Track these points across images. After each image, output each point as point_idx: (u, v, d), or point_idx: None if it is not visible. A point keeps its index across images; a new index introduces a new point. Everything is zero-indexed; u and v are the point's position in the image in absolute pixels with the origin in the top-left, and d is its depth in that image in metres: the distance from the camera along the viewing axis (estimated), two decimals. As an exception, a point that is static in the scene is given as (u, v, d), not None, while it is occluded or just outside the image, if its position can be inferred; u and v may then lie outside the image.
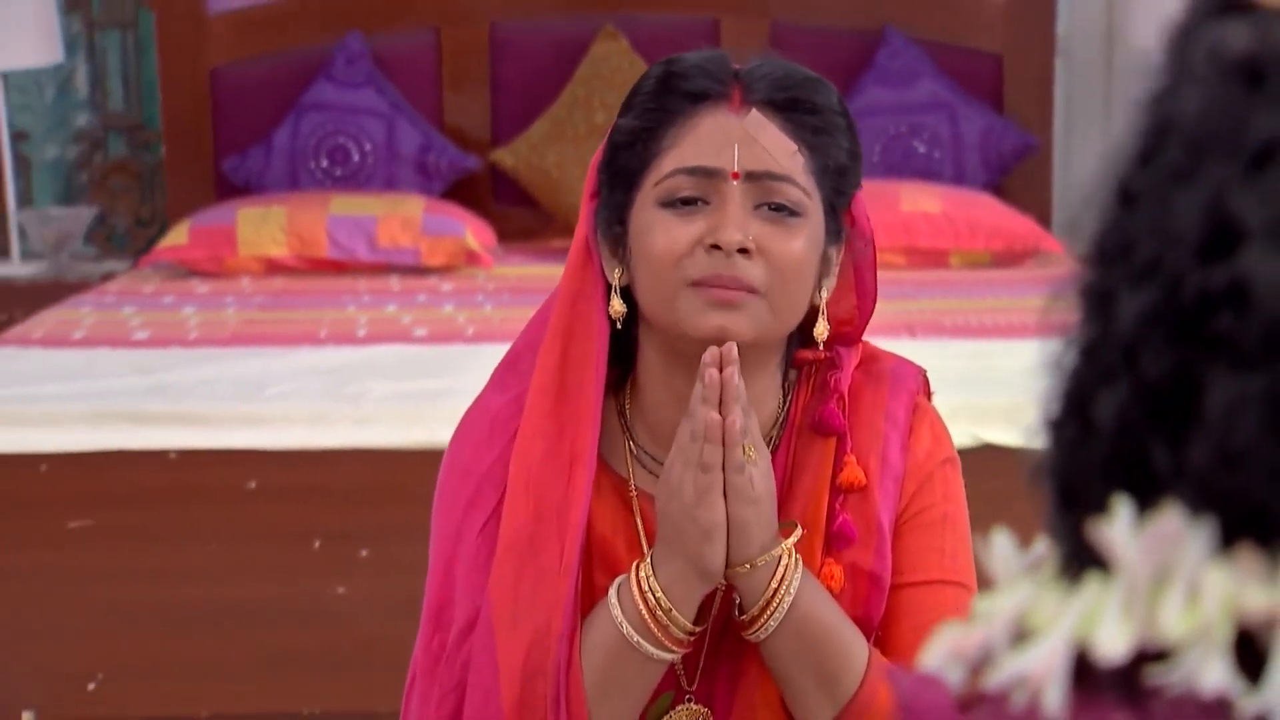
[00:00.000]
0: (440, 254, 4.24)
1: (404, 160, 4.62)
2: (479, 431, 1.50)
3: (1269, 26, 0.54)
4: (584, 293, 1.47)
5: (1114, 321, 0.56)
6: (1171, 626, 0.54)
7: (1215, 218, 0.53)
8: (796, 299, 1.44)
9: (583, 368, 1.46)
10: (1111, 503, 0.56)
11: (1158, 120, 0.56)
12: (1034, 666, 0.55)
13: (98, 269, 4.75)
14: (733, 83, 1.44)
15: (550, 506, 1.44)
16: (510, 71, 4.74)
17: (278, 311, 3.87)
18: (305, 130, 4.64)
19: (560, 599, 1.41)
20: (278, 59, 4.77)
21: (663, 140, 1.43)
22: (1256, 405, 0.53)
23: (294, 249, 4.26)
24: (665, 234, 1.42)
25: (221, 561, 2.94)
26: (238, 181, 4.68)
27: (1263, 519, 0.54)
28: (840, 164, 1.45)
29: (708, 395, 1.36)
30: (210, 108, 4.77)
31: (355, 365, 3.29)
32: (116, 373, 3.26)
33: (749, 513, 1.38)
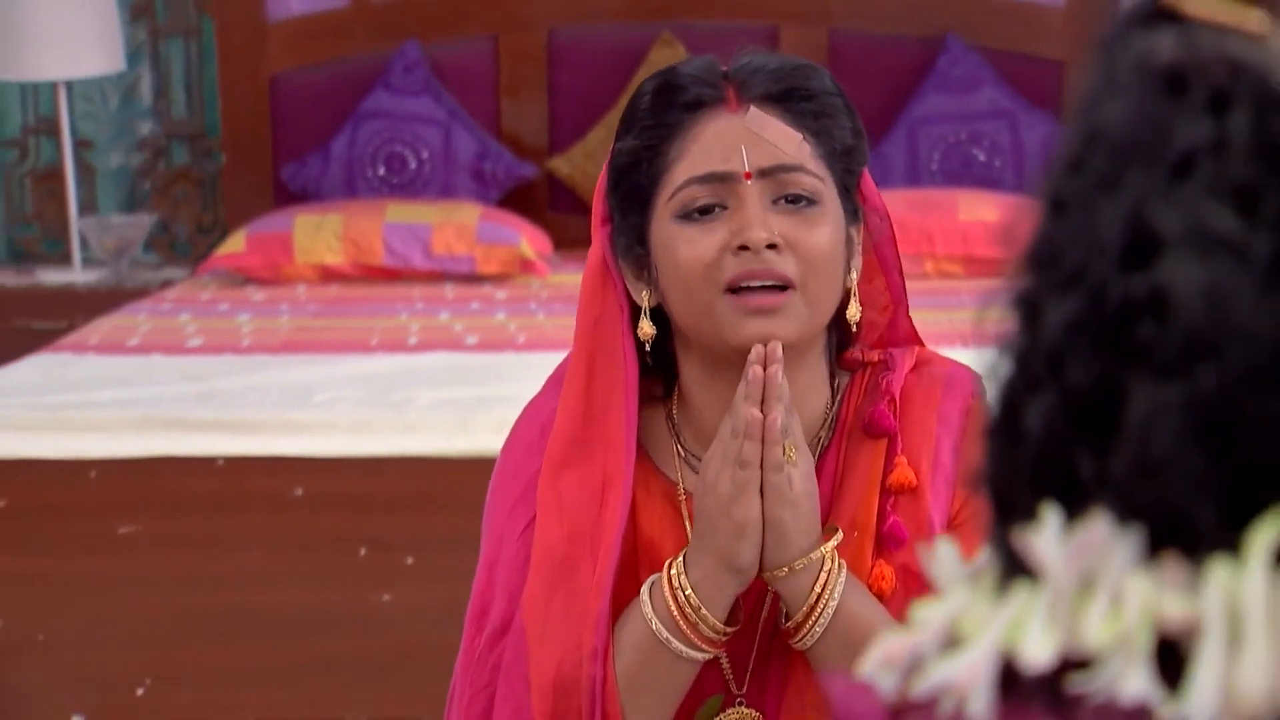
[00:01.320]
0: (495, 262, 4.27)
1: (460, 168, 4.65)
2: (531, 433, 1.51)
3: (1195, 37, 0.55)
4: (605, 317, 1.47)
5: (1041, 330, 0.56)
6: (1094, 635, 0.54)
7: (1136, 227, 0.54)
8: (830, 287, 1.44)
9: (610, 392, 1.46)
10: (1040, 511, 0.57)
11: (1086, 129, 0.56)
12: (959, 674, 0.56)
13: (157, 276, 4.81)
14: (725, 84, 1.44)
15: (583, 530, 1.45)
16: (567, 79, 4.77)
17: (330, 319, 3.91)
18: (362, 138, 4.68)
19: (593, 615, 1.42)
20: (336, 67, 4.82)
21: (669, 154, 1.43)
22: (1175, 414, 0.53)
23: (349, 256, 4.30)
24: (689, 246, 1.42)
25: (268, 568, 2.97)
26: (295, 189, 4.73)
27: (1186, 527, 0.54)
28: (846, 144, 1.45)
29: (750, 392, 1.37)
30: (269, 115, 4.82)
31: (403, 373, 3.32)
32: (167, 379, 3.30)
33: (786, 514, 1.38)
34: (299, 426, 3.02)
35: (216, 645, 2.96)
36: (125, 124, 5.14)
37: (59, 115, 4.89)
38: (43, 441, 3.00)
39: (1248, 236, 0.52)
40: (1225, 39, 0.53)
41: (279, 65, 4.83)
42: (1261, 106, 0.52)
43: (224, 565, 2.98)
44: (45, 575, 2.98)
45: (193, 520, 2.98)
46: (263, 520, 2.97)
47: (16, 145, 5.15)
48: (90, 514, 2.98)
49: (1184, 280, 0.52)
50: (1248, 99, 0.52)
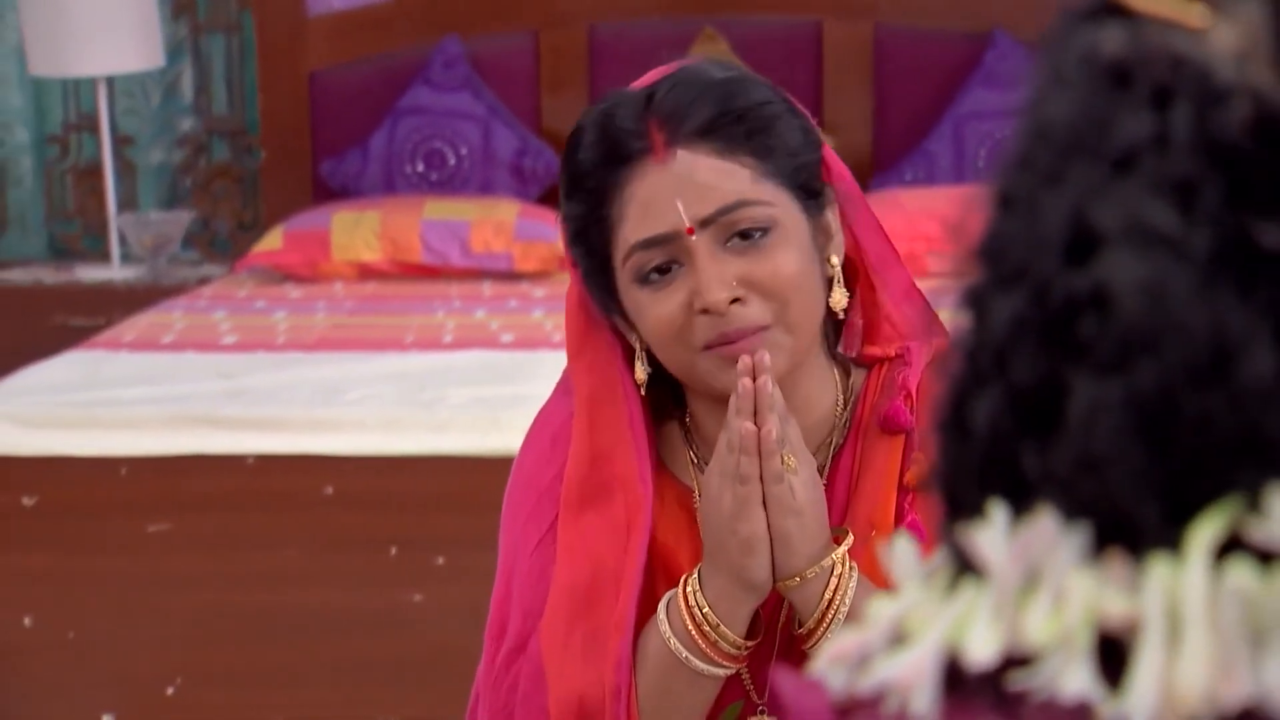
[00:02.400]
0: (533, 259, 4.28)
1: (500, 164, 4.67)
2: (542, 442, 1.51)
3: (1142, 32, 0.55)
4: (598, 360, 1.47)
5: (988, 326, 0.57)
6: (1036, 632, 0.55)
7: (1078, 223, 0.54)
8: (808, 305, 1.42)
9: (614, 428, 1.45)
10: (988, 509, 0.57)
11: (1033, 124, 0.57)
12: (903, 671, 0.57)
13: (196, 273, 4.85)
14: (650, 128, 1.39)
15: (607, 569, 1.44)
16: (609, 74, 4.77)
17: (366, 316, 3.93)
18: (401, 134, 4.71)
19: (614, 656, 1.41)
20: (376, 63, 4.84)
21: (611, 214, 1.40)
22: (1115, 410, 0.53)
23: (387, 254, 4.33)
24: (654, 312, 1.40)
25: (298, 567, 2.99)
26: (334, 186, 4.77)
27: (1129, 524, 0.55)
28: (792, 147, 1.42)
29: (742, 406, 1.36)
30: (309, 111, 4.85)
31: (436, 371, 3.34)
32: (199, 377, 3.34)
33: (791, 524, 1.38)
34: (330, 425, 3.05)
35: (246, 645, 2.99)
36: (166, 120, 5.18)
37: (99, 111, 4.93)
38: (73, 439, 3.04)
39: (1186, 232, 0.52)
40: (1169, 34, 0.54)
41: (318, 61, 4.86)
42: (1202, 101, 0.53)
43: (254, 564, 3.00)
44: (75, 573, 3.02)
45: (222, 519, 3.00)
46: (293, 519, 2.99)
47: (58, 142, 5.20)
48: (120, 512, 3.01)
49: (1123, 276, 0.53)
50: (1189, 94, 0.53)
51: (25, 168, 5.19)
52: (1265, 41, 0.52)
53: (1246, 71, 0.52)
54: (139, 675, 3.01)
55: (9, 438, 3.05)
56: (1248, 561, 0.52)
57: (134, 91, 5.16)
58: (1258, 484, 0.52)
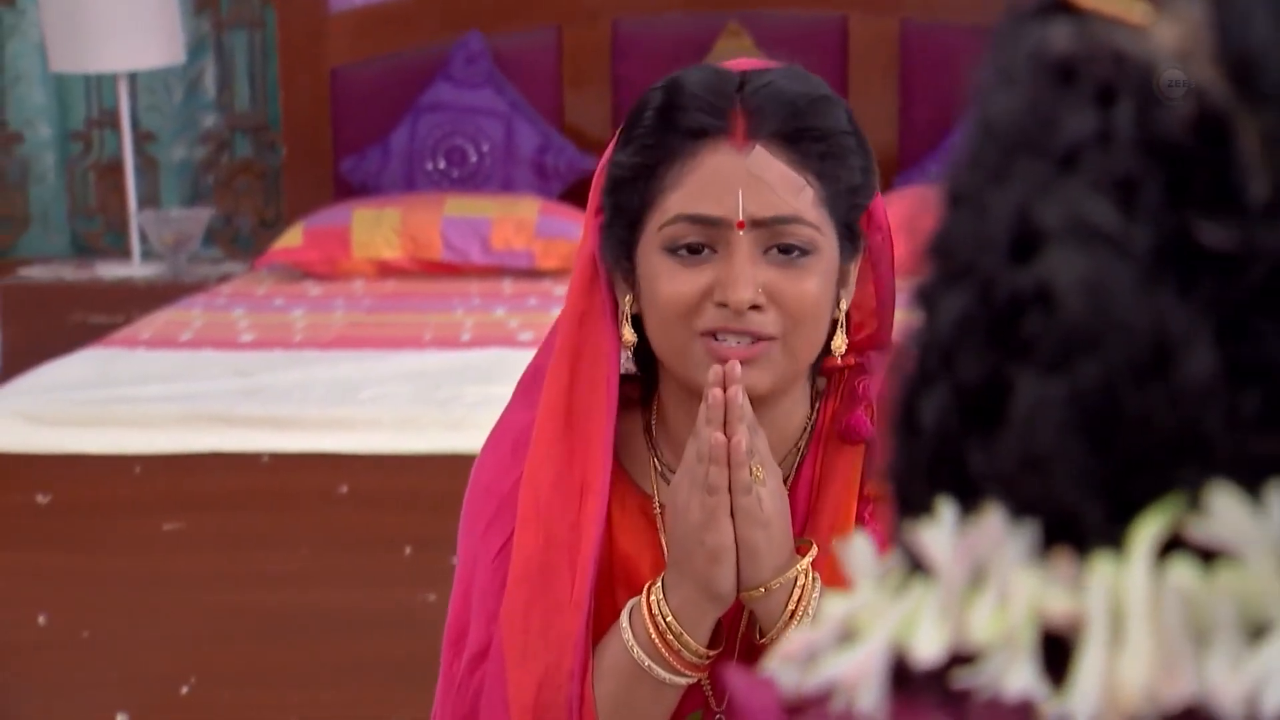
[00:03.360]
0: (554, 257, 4.29)
1: (522, 161, 4.68)
2: (502, 450, 1.51)
3: (1089, 29, 0.55)
4: (592, 312, 1.46)
5: (936, 324, 0.57)
6: (980, 630, 0.55)
7: (1023, 220, 0.55)
8: (812, 339, 1.43)
9: (592, 391, 1.45)
10: (936, 507, 0.58)
11: (981, 121, 0.57)
12: (850, 669, 0.57)
13: (216, 270, 4.87)
14: (734, 114, 1.40)
15: (561, 536, 1.45)
16: (632, 70, 4.78)
17: (384, 314, 3.95)
18: (423, 131, 4.72)
19: (571, 635, 1.42)
20: (397, 59, 4.86)
21: (664, 179, 1.40)
22: (1057, 408, 0.54)
23: (407, 251, 4.34)
24: (671, 285, 1.40)
25: (312, 567, 3.01)
26: (355, 182, 4.78)
27: (1072, 523, 0.55)
28: (853, 184, 1.43)
29: (712, 415, 1.36)
30: (330, 108, 4.87)
31: (453, 369, 3.35)
32: (215, 375, 3.35)
33: (758, 535, 1.38)
34: (345, 423, 3.06)
35: (261, 644, 3.01)
36: (189, 117, 5.21)
37: (120, 108, 4.96)
38: (88, 436, 3.06)
39: (1128, 230, 0.53)
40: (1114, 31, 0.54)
41: (340, 57, 4.88)
42: (1144, 99, 0.53)
43: (268, 563, 3.02)
44: (89, 572, 3.04)
45: (237, 517, 3.02)
46: (307, 518, 3.01)
47: (80, 138, 5.23)
48: (134, 510, 3.03)
49: (1064, 274, 0.53)
50: (1132, 91, 0.53)
51: (48, 164, 5.23)
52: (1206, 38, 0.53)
53: (1188, 69, 0.53)
54: (152, 674, 3.02)
55: (23, 435, 3.07)
56: (1189, 560, 0.53)
57: (156, 88, 5.18)
58: (1198, 482, 0.53)
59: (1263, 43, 0.52)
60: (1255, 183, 0.52)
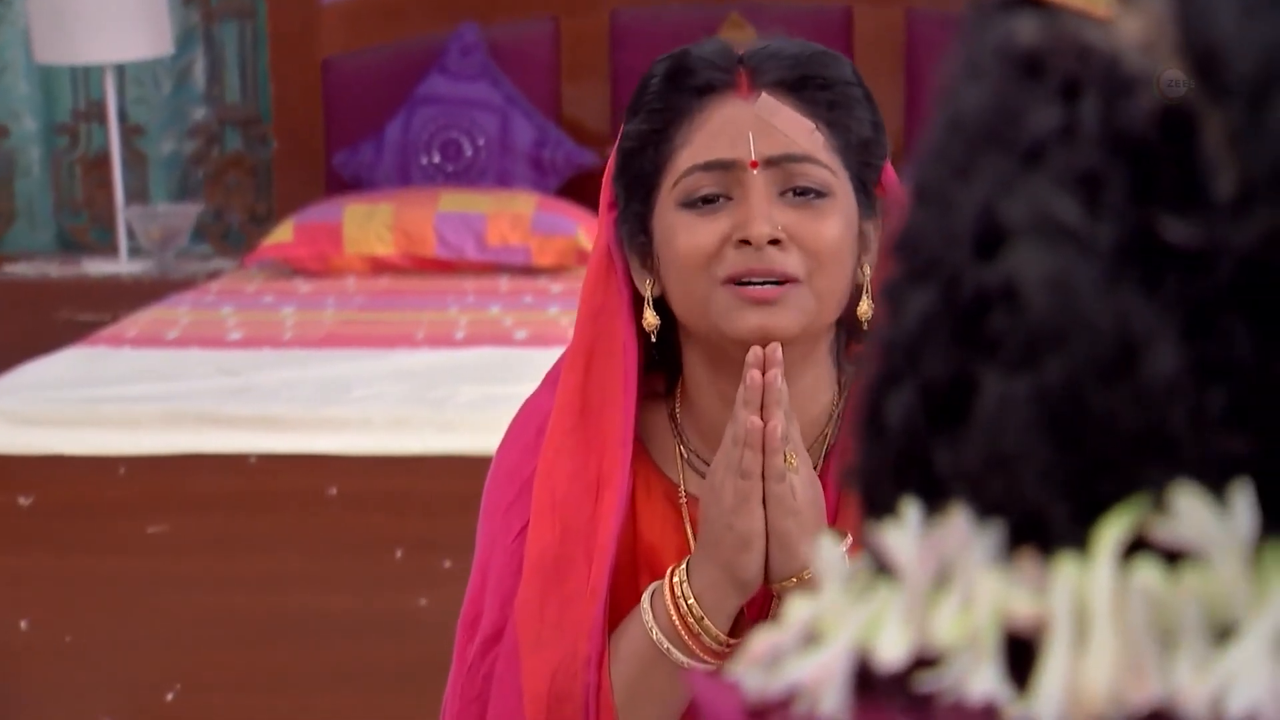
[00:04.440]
0: (551, 254, 4.30)
1: (518, 155, 4.69)
2: (528, 434, 1.53)
3: (1057, 22, 0.56)
4: (607, 308, 1.49)
5: (902, 321, 0.58)
6: (944, 633, 0.56)
7: (988, 216, 0.55)
8: (837, 283, 1.45)
9: (608, 386, 1.47)
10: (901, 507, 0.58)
11: (947, 114, 0.58)
12: (813, 672, 0.58)
13: (205, 267, 4.88)
14: (738, 69, 1.45)
15: (577, 529, 1.46)
16: (631, 62, 4.78)
17: (377, 312, 3.96)
18: (417, 124, 4.73)
19: (587, 622, 1.44)
20: (390, 50, 4.87)
21: (674, 140, 1.44)
22: (1022, 407, 0.54)
23: (401, 247, 4.35)
24: (689, 235, 1.43)
25: (301, 570, 3.02)
26: (348, 177, 4.79)
27: (1038, 524, 0.56)
28: (863, 137, 1.47)
29: (749, 398, 1.38)
30: (321, 100, 4.88)
31: (446, 368, 3.36)
32: (202, 374, 3.36)
33: (790, 524, 1.40)
34: (335, 423, 3.07)
35: (248, 649, 3.01)
36: (178, 109, 5.21)
37: (106, 100, 4.97)
38: (71, 437, 3.07)
39: (1092, 226, 0.53)
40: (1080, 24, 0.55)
41: (332, 48, 4.89)
42: (1110, 92, 0.54)
43: (256, 567, 3.02)
44: (73, 575, 3.05)
45: (224, 520, 3.03)
46: (296, 520, 3.01)
47: (67, 131, 5.24)
48: (119, 512, 3.04)
49: (1029, 271, 0.54)
50: (1097, 85, 0.54)
51: (33, 158, 5.23)
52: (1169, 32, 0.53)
53: (1152, 62, 0.53)
54: (138, 680, 3.03)
55: (5, 435, 3.08)
56: (1155, 561, 0.53)
57: (144, 80, 5.19)
58: (1163, 482, 0.53)
59: (1227, 36, 0.52)
60: (1221, 178, 0.52)
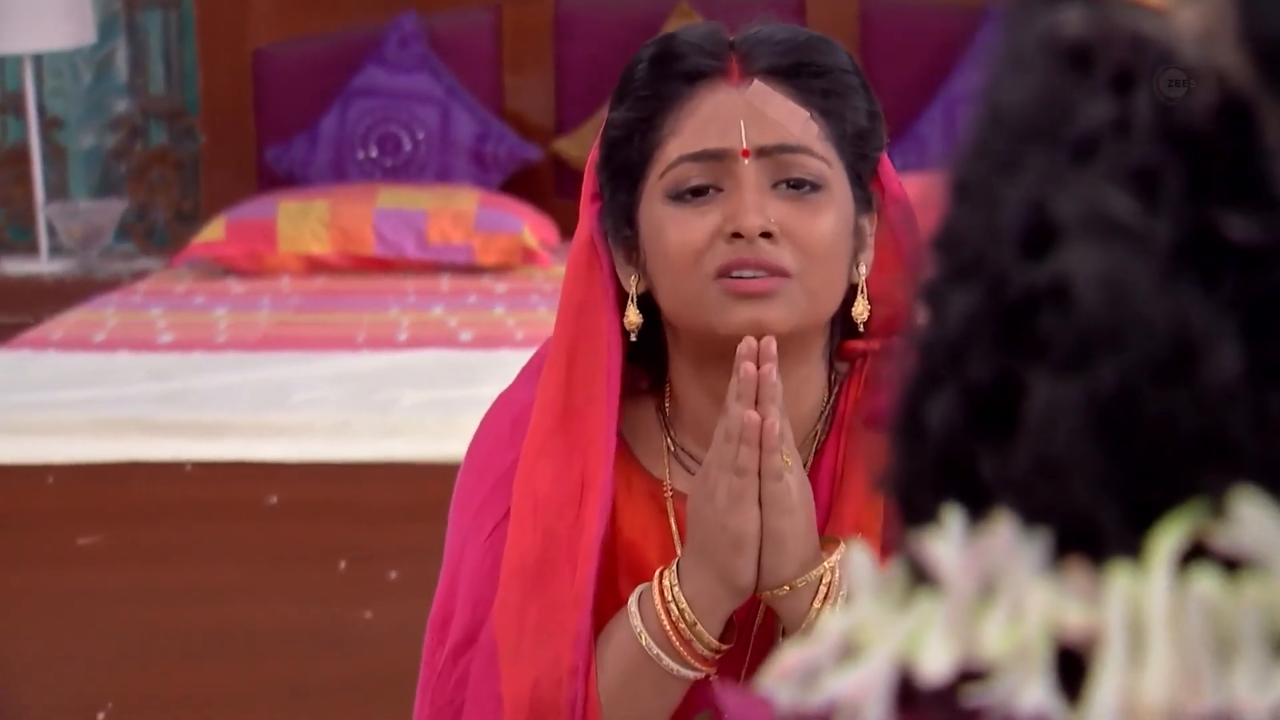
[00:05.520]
0: (495, 252, 4.29)
1: (459, 150, 4.68)
2: (501, 427, 1.52)
3: (1103, 12, 0.56)
4: (590, 302, 1.48)
5: (943, 322, 0.58)
6: (992, 645, 0.56)
7: (1037, 212, 0.55)
8: (832, 279, 1.44)
9: (591, 383, 1.46)
10: (943, 514, 0.58)
11: (990, 108, 0.58)
12: (853, 686, 0.58)
13: (130, 267, 4.84)
14: (729, 55, 1.44)
15: (560, 533, 1.45)
16: (576, 53, 4.78)
17: (314, 314, 3.94)
18: (353, 117, 4.71)
19: (572, 631, 1.43)
20: (325, 40, 4.85)
21: (662, 129, 1.43)
22: (1075, 410, 0.54)
23: (337, 246, 4.33)
24: (679, 229, 1.42)
25: (240, 582, 3.00)
26: (281, 172, 4.77)
27: (1090, 530, 0.56)
28: (860, 127, 1.45)
29: (743, 391, 1.37)
30: (252, 92, 4.85)
31: (390, 371, 3.35)
32: (133, 379, 3.34)
33: (785, 524, 1.39)
34: (274, 429, 3.05)
35: (184, 666, 2.99)
36: (98, 101, 5.18)
37: (25, 92, 4.93)
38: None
39: (1148, 223, 0.53)
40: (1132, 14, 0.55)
41: (263, 38, 4.86)
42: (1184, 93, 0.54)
43: (193, 579, 3.00)
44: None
45: (159, 530, 3.01)
46: (234, 531, 3.00)
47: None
48: (48, 524, 3.01)
49: (1082, 269, 0.54)
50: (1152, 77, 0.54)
51: (-54, 152, 5.19)
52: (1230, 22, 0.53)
53: (1211, 54, 0.53)
54: (67, 699, 3.01)
55: (-74, 444, 3.05)
56: (1212, 569, 0.53)
57: (63, 70, 5.15)
58: (1223, 488, 0.53)
59: (1290, 26, 0.52)
60: (1281, 173, 0.53)
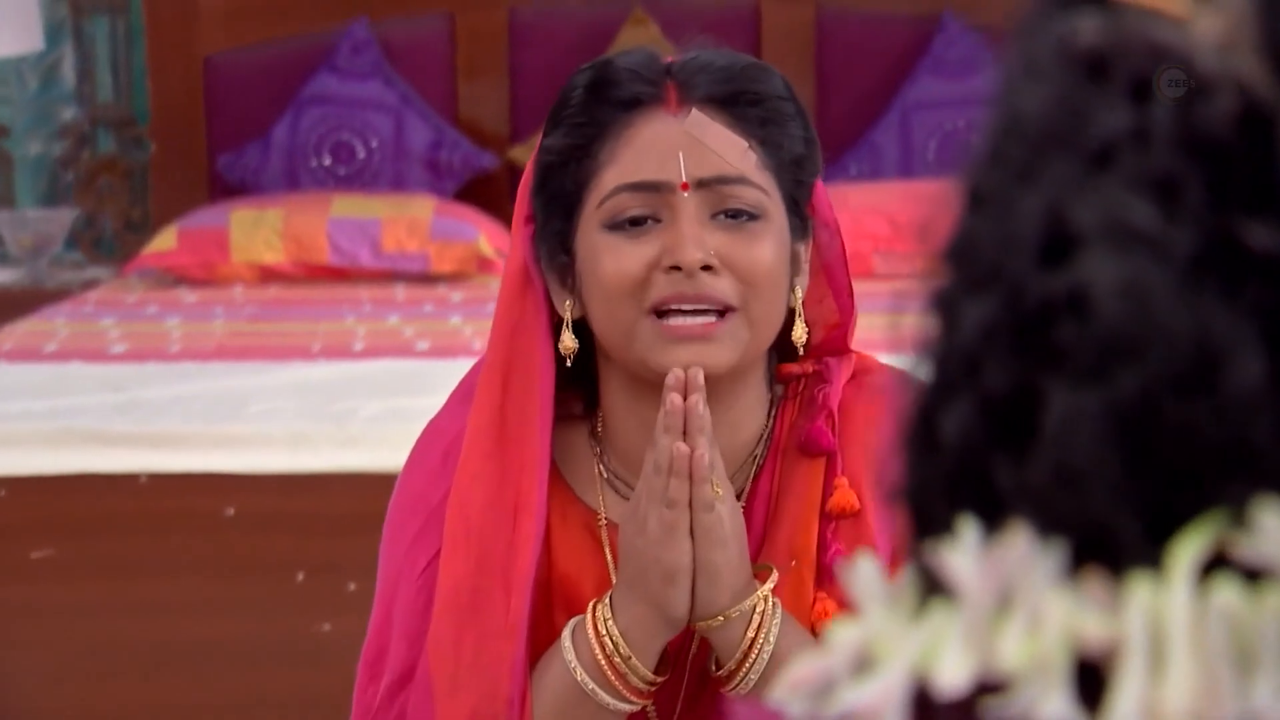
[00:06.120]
0: (450, 260, 4.28)
1: (413, 158, 4.67)
2: (432, 459, 1.51)
3: (1119, 20, 0.56)
4: (524, 324, 1.46)
5: (957, 332, 0.58)
6: (1010, 656, 0.56)
7: (1054, 221, 0.55)
8: (772, 308, 1.44)
9: (525, 406, 1.46)
10: (958, 525, 0.58)
11: (1005, 116, 0.58)
12: (870, 699, 0.57)
13: (80, 276, 4.82)
14: (666, 82, 1.43)
15: (494, 560, 1.44)
16: (531, 60, 4.78)
17: (269, 323, 3.92)
18: (306, 125, 4.70)
19: (507, 661, 1.42)
20: (277, 47, 4.83)
21: (598, 156, 1.42)
22: (1094, 420, 0.54)
23: (291, 254, 4.32)
24: (616, 260, 1.41)
25: (196, 596, 2.98)
26: (232, 180, 4.75)
27: (1108, 541, 0.56)
28: (796, 154, 1.45)
29: (670, 423, 1.36)
30: (203, 100, 4.83)
31: (346, 381, 3.34)
32: (86, 389, 3.32)
33: (718, 556, 1.38)
34: (231, 440, 3.04)
35: (140, 681, 2.97)
36: (45, 109, 5.15)
37: (-29, 99, 4.90)
38: (-54, 458, 3.01)
39: (1169, 231, 0.53)
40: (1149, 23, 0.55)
41: (214, 45, 4.85)
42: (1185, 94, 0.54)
43: (147, 593, 2.98)
44: (-50, 604, 2.99)
45: (113, 544, 2.99)
46: (190, 543, 2.98)
47: (-74, 132, 5.16)
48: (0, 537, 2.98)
49: (1102, 278, 0.54)
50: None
51: (-109, 161, 5.15)
52: (1249, 30, 0.53)
53: (1231, 62, 0.54)
54: (21, 715, 2.98)
55: (-126, 457, 3.02)
56: (1233, 580, 0.54)
57: (9, 77, 5.12)
58: (1244, 497, 0.53)
59: (1311, 34, 0.53)
60: (1302, 181, 0.53)
